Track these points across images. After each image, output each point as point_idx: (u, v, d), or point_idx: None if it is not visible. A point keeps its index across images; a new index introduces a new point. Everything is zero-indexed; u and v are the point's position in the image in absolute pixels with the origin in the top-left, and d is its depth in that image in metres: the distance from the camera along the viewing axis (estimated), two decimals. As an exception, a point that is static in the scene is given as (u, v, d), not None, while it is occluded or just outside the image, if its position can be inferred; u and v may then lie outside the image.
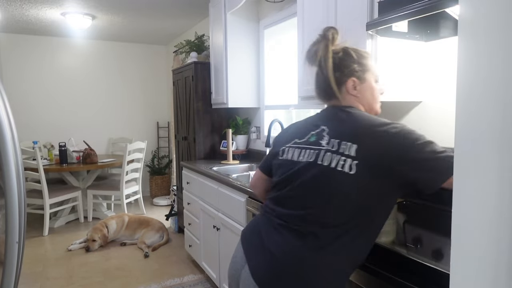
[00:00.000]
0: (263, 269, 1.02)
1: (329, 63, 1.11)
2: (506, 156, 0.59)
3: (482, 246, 0.63)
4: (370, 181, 0.97)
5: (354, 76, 1.13)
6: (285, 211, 1.07)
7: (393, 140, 0.97)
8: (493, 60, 0.60)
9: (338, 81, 1.13)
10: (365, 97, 1.15)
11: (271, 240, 1.05)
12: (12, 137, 0.93)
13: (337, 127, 1.07)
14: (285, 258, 1.00)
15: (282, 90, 3.03)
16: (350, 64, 1.13)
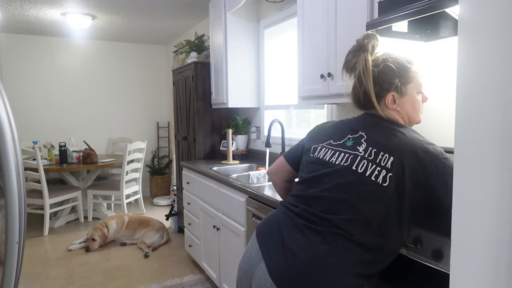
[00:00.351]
0: (283, 269, 0.99)
1: (369, 77, 1.09)
2: (506, 156, 0.59)
3: (482, 246, 0.63)
4: (399, 195, 0.98)
5: (394, 90, 1.11)
6: (311, 211, 1.04)
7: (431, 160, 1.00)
8: (493, 60, 0.60)
9: (378, 95, 1.11)
10: (405, 110, 1.13)
11: (292, 240, 1.02)
12: (12, 137, 0.93)
13: (376, 137, 1.06)
14: (308, 261, 0.98)
15: (282, 90, 3.03)
16: (390, 78, 1.10)
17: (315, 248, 0.98)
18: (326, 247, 0.98)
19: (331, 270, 0.96)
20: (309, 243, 1.00)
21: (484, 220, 0.62)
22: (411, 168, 0.99)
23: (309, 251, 0.98)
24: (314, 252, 0.98)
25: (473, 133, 0.63)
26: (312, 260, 0.97)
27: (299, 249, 1.00)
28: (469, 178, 0.65)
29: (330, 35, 1.84)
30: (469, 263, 0.65)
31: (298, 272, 0.98)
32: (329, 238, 0.99)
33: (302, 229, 1.03)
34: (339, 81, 1.79)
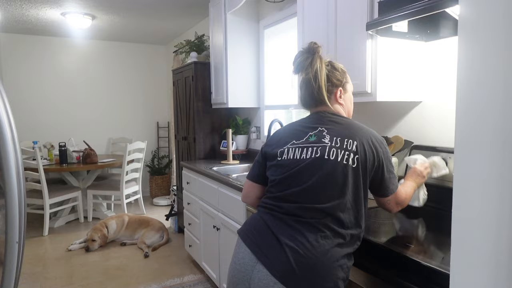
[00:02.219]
0: (285, 265, 1.04)
1: (323, 74, 1.23)
2: (506, 156, 0.59)
3: (482, 246, 0.63)
4: (364, 174, 1.14)
5: (340, 86, 1.28)
6: (297, 205, 1.12)
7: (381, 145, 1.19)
8: (493, 60, 0.60)
9: (328, 90, 1.26)
10: (347, 105, 1.33)
11: (287, 236, 1.08)
12: (12, 137, 0.93)
13: (335, 128, 1.20)
14: (309, 253, 1.04)
15: (282, 90, 3.03)
16: (337, 76, 1.27)
17: (312, 240, 1.06)
18: (321, 237, 1.07)
19: (330, 257, 1.06)
20: (305, 236, 1.07)
21: (484, 220, 0.62)
22: (369, 150, 1.15)
23: (308, 244, 1.06)
24: (312, 244, 1.06)
25: (474, 133, 0.63)
26: (312, 252, 1.05)
27: (297, 244, 1.06)
28: (469, 178, 0.65)
29: (330, 35, 1.84)
30: (469, 263, 0.65)
31: (301, 266, 1.03)
32: (321, 227, 1.08)
33: (294, 225, 1.10)
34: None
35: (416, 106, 1.80)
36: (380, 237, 1.26)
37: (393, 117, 1.94)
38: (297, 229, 1.09)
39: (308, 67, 1.23)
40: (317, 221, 1.09)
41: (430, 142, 1.73)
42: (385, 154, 1.19)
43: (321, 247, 1.06)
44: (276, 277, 1.03)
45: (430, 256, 1.08)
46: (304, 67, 1.24)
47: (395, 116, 1.93)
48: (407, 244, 1.20)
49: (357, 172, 1.12)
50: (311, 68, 1.22)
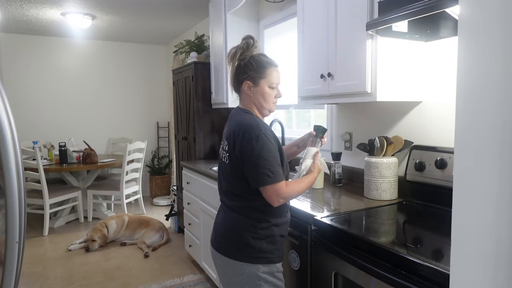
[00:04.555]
0: (213, 234, 1.51)
1: (234, 65, 1.45)
2: (506, 156, 0.59)
3: (482, 246, 0.63)
4: (234, 167, 1.39)
5: (249, 80, 1.43)
6: (220, 194, 1.53)
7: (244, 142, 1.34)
8: (493, 60, 0.60)
9: (239, 81, 1.45)
10: (257, 98, 1.46)
11: (217, 214, 1.54)
12: (12, 137, 0.93)
13: (226, 129, 1.48)
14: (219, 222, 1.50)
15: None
16: (248, 70, 1.43)
17: (220, 217, 1.49)
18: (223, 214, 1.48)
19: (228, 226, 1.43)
20: (219, 215, 1.51)
21: (484, 220, 0.62)
22: (232, 145, 1.38)
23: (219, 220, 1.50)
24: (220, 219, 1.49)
25: (474, 133, 0.63)
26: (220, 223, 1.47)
27: (217, 220, 1.52)
28: (469, 178, 0.65)
29: (330, 35, 1.84)
30: (469, 263, 0.65)
31: (217, 233, 1.47)
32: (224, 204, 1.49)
33: (219, 209, 1.54)
34: (339, 81, 1.79)
35: (416, 106, 1.80)
36: (380, 237, 1.26)
37: (393, 117, 1.94)
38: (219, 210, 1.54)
39: (232, 58, 1.44)
40: (224, 201, 1.49)
41: (430, 142, 1.74)
42: (244, 147, 1.33)
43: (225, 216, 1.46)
44: (211, 244, 1.50)
45: (430, 256, 1.08)
46: (229, 58, 1.46)
47: (395, 116, 1.93)
48: (407, 244, 1.20)
49: (230, 166, 1.40)
50: (233, 59, 1.44)
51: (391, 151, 1.78)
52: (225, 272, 1.42)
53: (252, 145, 1.31)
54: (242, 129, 1.35)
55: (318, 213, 1.56)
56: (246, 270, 1.36)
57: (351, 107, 2.21)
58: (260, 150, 1.30)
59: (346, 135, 2.24)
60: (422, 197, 1.68)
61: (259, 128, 1.34)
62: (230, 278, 1.40)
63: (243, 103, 1.50)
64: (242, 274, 1.36)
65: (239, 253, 1.37)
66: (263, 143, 1.31)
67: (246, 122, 1.37)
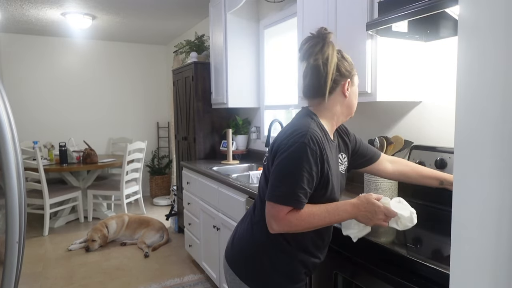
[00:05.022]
0: (228, 245, 1.31)
1: (333, 61, 1.13)
2: (506, 156, 0.59)
3: (482, 246, 0.63)
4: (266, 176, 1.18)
5: (349, 78, 1.18)
6: (255, 204, 1.29)
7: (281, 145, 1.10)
8: (493, 60, 0.60)
9: (336, 81, 1.16)
10: (351, 99, 1.21)
11: (238, 225, 1.33)
12: (12, 137, 0.93)
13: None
14: (238, 231, 1.30)
15: (282, 90, 3.02)
16: (346, 66, 1.17)
17: (242, 226, 1.28)
18: (245, 224, 1.27)
19: (247, 240, 1.22)
20: (241, 223, 1.30)
21: (484, 220, 0.62)
22: (272, 150, 1.16)
23: (239, 229, 1.29)
24: (241, 228, 1.28)
25: (474, 133, 0.63)
26: (239, 233, 1.27)
27: (237, 228, 1.31)
28: (469, 178, 0.65)
29: (330, 35, 1.84)
30: (469, 263, 0.65)
31: (233, 244, 1.27)
32: (249, 218, 1.26)
33: (243, 219, 1.32)
34: (339, 81, 1.79)
35: (416, 106, 1.80)
36: (380, 237, 1.26)
37: (393, 117, 1.94)
38: (243, 223, 1.32)
39: (319, 53, 1.13)
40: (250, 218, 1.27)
41: (430, 142, 1.73)
42: (281, 154, 1.08)
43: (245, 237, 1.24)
44: (224, 255, 1.30)
45: (430, 256, 1.08)
46: (314, 53, 1.14)
47: (395, 116, 1.93)
48: (407, 244, 1.20)
49: (265, 170, 1.20)
50: (321, 54, 1.13)
51: (391, 151, 1.78)
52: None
53: (287, 150, 1.06)
54: (289, 131, 1.11)
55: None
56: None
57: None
58: (289, 165, 1.05)
59: (346, 135, 2.24)
60: (422, 197, 1.68)
61: (306, 135, 1.06)
62: None
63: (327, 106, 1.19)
64: None
65: (252, 278, 1.18)
66: (299, 154, 1.05)
67: (299, 125, 1.12)
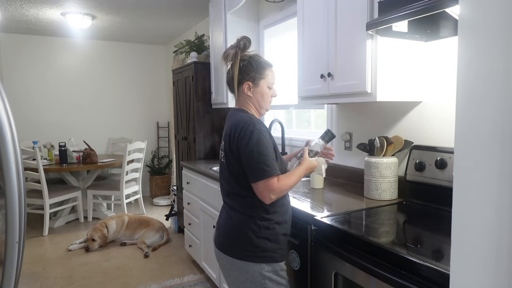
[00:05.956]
0: (216, 235, 1.51)
1: (236, 66, 1.45)
2: (506, 156, 0.59)
3: (482, 246, 0.63)
4: (230, 165, 1.41)
5: (250, 80, 1.45)
6: (222, 195, 1.53)
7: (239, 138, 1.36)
8: (493, 59, 0.60)
9: (240, 81, 1.46)
10: (256, 98, 1.48)
11: (220, 215, 1.54)
12: (12, 137, 0.93)
13: (224, 129, 1.49)
14: (222, 222, 1.50)
15: (282, 90, 3.02)
16: (249, 71, 1.44)
17: (223, 217, 1.49)
18: (225, 215, 1.49)
19: (231, 227, 1.43)
20: (221, 216, 1.51)
21: (484, 220, 0.62)
22: (227, 143, 1.41)
23: (222, 220, 1.50)
24: (223, 220, 1.49)
25: (474, 133, 0.63)
26: (223, 224, 1.48)
27: (220, 221, 1.51)
28: (470, 178, 0.65)
29: (330, 35, 1.84)
30: (469, 263, 0.65)
31: (221, 234, 1.47)
32: (226, 209, 1.49)
33: (222, 210, 1.54)
34: (339, 81, 1.79)
35: (416, 106, 1.80)
36: (380, 237, 1.26)
37: (393, 117, 1.94)
38: (222, 210, 1.55)
39: (227, 58, 1.46)
40: (225, 200, 1.51)
41: (430, 142, 1.73)
42: (239, 143, 1.35)
43: (227, 216, 1.47)
44: (215, 245, 1.50)
45: (430, 256, 1.08)
46: (226, 58, 1.46)
47: (395, 116, 1.93)
48: (407, 244, 1.20)
49: (228, 165, 1.43)
50: (228, 59, 1.46)
51: (391, 151, 1.78)
52: (229, 272, 1.43)
53: (247, 140, 1.33)
54: (238, 126, 1.37)
55: (318, 213, 1.55)
56: (250, 269, 1.37)
57: (351, 107, 2.21)
58: (255, 145, 1.32)
59: (346, 135, 2.24)
60: (422, 197, 1.68)
61: (253, 124, 1.36)
62: (235, 277, 1.41)
63: (240, 104, 1.52)
64: (246, 273, 1.38)
65: (243, 252, 1.38)
66: (258, 138, 1.33)
67: (241, 119, 1.39)
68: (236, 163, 1.38)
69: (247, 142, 1.33)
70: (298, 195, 1.90)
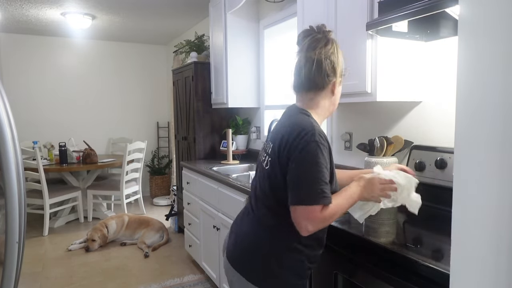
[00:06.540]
0: (231, 246, 1.28)
1: (339, 60, 1.18)
2: (506, 156, 0.59)
3: (482, 246, 0.63)
4: (273, 173, 1.17)
5: (341, 77, 1.23)
6: (251, 201, 1.30)
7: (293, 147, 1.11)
8: (493, 60, 0.60)
9: (329, 77, 1.19)
10: (336, 97, 1.26)
11: (240, 223, 1.30)
12: (12, 137, 0.93)
13: (274, 131, 1.25)
14: (242, 233, 1.27)
15: (282, 90, 3.02)
16: (341, 66, 1.21)
17: (246, 227, 1.26)
18: (250, 226, 1.25)
19: (254, 241, 1.22)
20: (243, 224, 1.28)
21: (484, 220, 0.62)
22: (280, 148, 1.15)
23: (243, 230, 1.26)
24: (245, 230, 1.25)
25: (474, 133, 0.63)
26: (244, 235, 1.25)
27: (240, 230, 1.28)
28: (470, 178, 0.65)
29: (330, 35, 1.84)
30: (469, 263, 0.65)
31: (238, 246, 1.25)
32: (253, 219, 1.25)
33: (245, 217, 1.30)
34: (339, 81, 1.79)
35: (416, 106, 1.80)
36: (380, 237, 1.26)
37: (393, 117, 1.94)
38: (244, 219, 1.30)
39: (322, 47, 1.15)
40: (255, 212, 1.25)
41: (430, 142, 1.73)
42: (291, 152, 1.10)
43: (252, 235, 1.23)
44: (228, 259, 1.26)
45: (430, 256, 1.08)
46: (318, 47, 1.15)
47: (395, 116, 1.93)
48: (407, 244, 1.20)
49: (269, 173, 1.18)
50: (325, 49, 1.15)
51: (391, 151, 1.78)
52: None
53: (299, 150, 1.08)
54: (295, 130, 1.11)
55: (318, 213, 1.55)
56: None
57: (351, 107, 2.21)
58: (306, 160, 1.07)
59: (346, 135, 2.24)
60: (422, 197, 1.67)
61: (313, 133, 1.09)
62: None
63: (306, 104, 1.23)
64: None
65: (260, 277, 1.17)
66: (314, 153, 1.07)
67: (302, 123, 1.13)
68: (279, 172, 1.14)
69: (299, 153, 1.08)
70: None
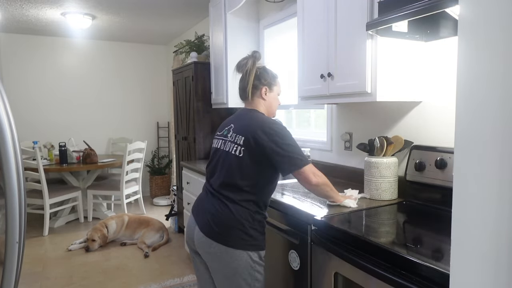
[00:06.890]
0: (206, 224, 1.52)
1: (253, 72, 1.62)
2: (506, 156, 0.59)
3: (482, 246, 0.63)
4: (250, 161, 1.49)
5: (266, 85, 1.64)
6: (214, 184, 1.59)
7: (271, 137, 1.48)
8: (493, 59, 0.60)
9: (255, 86, 1.63)
10: (269, 102, 1.67)
11: (208, 204, 1.57)
12: (12, 137, 0.93)
13: (238, 125, 1.59)
14: (217, 215, 1.51)
15: (282, 90, 3.02)
16: (266, 77, 1.64)
17: (218, 208, 1.53)
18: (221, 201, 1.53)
19: (229, 217, 1.50)
20: (214, 206, 1.54)
21: (484, 220, 0.62)
22: (254, 142, 1.49)
23: (216, 211, 1.52)
24: (218, 210, 1.52)
25: (474, 132, 0.63)
26: (218, 214, 1.51)
27: (212, 211, 1.53)
28: (470, 178, 0.65)
29: (330, 35, 1.84)
30: (469, 263, 0.65)
31: (214, 223, 1.50)
32: (223, 195, 1.53)
33: (211, 196, 1.58)
34: (339, 81, 1.79)
35: (416, 106, 1.80)
36: (380, 237, 1.26)
37: (393, 117, 1.94)
38: (214, 199, 1.56)
39: (244, 66, 1.62)
40: (222, 192, 1.54)
41: (430, 142, 1.74)
42: (271, 143, 1.47)
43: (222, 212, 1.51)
44: (203, 232, 1.51)
45: (430, 256, 1.08)
46: (240, 67, 1.63)
47: (395, 116, 1.93)
48: (407, 244, 1.20)
49: (242, 160, 1.50)
50: (245, 67, 1.61)
51: (391, 151, 1.78)
52: (220, 260, 1.51)
53: (282, 135, 1.49)
54: (266, 124, 1.51)
55: (318, 213, 1.55)
56: (243, 257, 1.49)
57: (351, 107, 2.21)
58: (290, 139, 1.49)
59: (346, 135, 2.24)
60: (422, 197, 1.68)
61: (279, 121, 1.56)
62: (226, 265, 1.50)
63: (253, 106, 1.66)
64: (239, 260, 1.48)
65: (238, 241, 1.49)
66: (289, 133, 1.51)
67: (264, 118, 1.56)
68: (259, 157, 1.49)
69: (283, 137, 1.48)
70: (298, 195, 1.90)
